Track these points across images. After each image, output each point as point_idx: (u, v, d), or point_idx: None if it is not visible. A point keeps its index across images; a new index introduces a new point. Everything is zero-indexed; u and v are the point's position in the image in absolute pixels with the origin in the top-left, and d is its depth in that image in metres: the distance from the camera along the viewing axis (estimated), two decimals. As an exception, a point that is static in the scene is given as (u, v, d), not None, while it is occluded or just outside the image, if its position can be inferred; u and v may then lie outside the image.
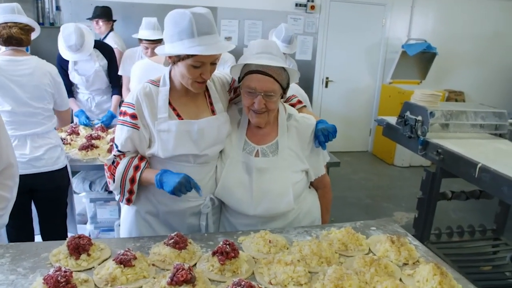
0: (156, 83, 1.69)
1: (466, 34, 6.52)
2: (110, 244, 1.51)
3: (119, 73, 3.70)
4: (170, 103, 1.67)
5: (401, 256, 1.50)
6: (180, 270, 1.19)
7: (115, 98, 3.69)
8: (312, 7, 5.91)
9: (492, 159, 2.70)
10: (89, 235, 2.96)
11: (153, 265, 1.38)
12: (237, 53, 4.18)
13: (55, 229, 2.56)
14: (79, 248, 1.36)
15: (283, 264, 1.34)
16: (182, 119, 1.67)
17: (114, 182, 1.69)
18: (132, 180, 1.66)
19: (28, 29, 2.40)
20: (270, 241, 1.52)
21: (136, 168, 1.66)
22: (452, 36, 6.48)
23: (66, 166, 2.53)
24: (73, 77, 3.49)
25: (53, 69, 2.45)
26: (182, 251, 1.41)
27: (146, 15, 3.71)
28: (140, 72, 2.52)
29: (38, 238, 2.58)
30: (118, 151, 1.69)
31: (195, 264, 1.41)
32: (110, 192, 2.90)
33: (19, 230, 2.45)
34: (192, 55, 1.52)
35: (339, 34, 6.22)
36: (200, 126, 1.66)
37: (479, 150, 2.93)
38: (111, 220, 2.86)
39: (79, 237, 1.40)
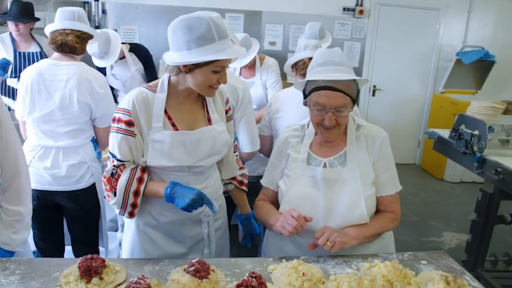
0: (153, 88, 1.59)
1: (528, 41, 6.03)
2: (127, 266, 1.38)
3: (159, 76, 3.63)
4: (165, 111, 1.58)
5: (458, 302, 1.27)
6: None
7: None
8: (361, 12, 5.65)
9: (561, 182, 2.40)
10: (120, 244, 2.91)
11: (170, 294, 1.24)
12: (281, 59, 4.08)
13: (85, 243, 2.45)
14: (91, 270, 1.24)
15: (316, 304, 1.16)
16: (177, 128, 1.59)
17: (115, 195, 1.58)
18: (136, 193, 1.57)
19: (85, 37, 2.29)
20: (303, 274, 1.33)
21: (140, 180, 1.58)
22: (513, 43, 6.01)
23: (93, 185, 2.32)
24: (111, 81, 3.45)
25: (97, 78, 2.25)
26: (203, 281, 1.25)
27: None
28: None
29: (68, 248, 2.51)
30: (118, 160, 1.57)
31: (217, 296, 1.26)
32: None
33: (47, 243, 2.36)
34: (213, 61, 1.46)
35: (389, 40, 5.92)
36: (195, 137, 1.60)
37: (545, 171, 2.61)
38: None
39: (92, 258, 1.28)
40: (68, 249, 2.50)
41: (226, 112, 1.78)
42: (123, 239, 1.81)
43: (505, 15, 5.98)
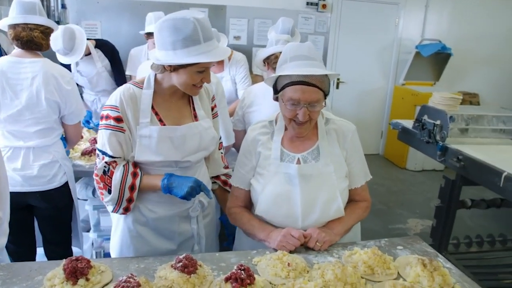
0: (139, 85, 1.62)
1: (482, 34, 6.31)
2: (112, 266, 1.37)
3: (127, 73, 3.57)
4: (152, 107, 1.62)
5: (435, 283, 1.34)
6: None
7: None
8: (324, 6, 5.74)
9: (517, 167, 2.54)
10: (92, 244, 2.85)
11: (159, 291, 1.24)
12: (246, 53, 4.09)
13: (58, 244, 2.39)
14: (77, 272, 1.22)
15: (304, 292, 1.19)
16: (164, 124, 1.62)
17: (110, 192, 1.59)
18: (132, 188, 1.60)
19: (48, 32, 2.21)
20: (289, 264, 1.37)
21: (134, 174, 1.61)
22: (468, 36, 6.28)
23: (65, 184, 2.28)
24: (77, 78, 3.36)
25: (63, 75, 2.19)
26: (192, 276, 1.26)
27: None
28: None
29: (40, 250, 2.44)
30: (111, 157, 1.59)
31: (206, 290, 1.27)
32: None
33: (18, 246, 2.27)
34: (198, 62, 1.48)
35: (351, 34, 6.05)
36: (182, 132, 1.63)
37: (502, 157, 2.77)
38: (115, 228, 2.72)
39: (77, 259, 1.26)
40: (40, 251, 2.43)
41: (212, 109, 1.80)
42: (111, 238, 1.81)
43: (459, 9, 6.23)
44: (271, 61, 2.59)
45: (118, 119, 1.56)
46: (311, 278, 1.35)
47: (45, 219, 2.31)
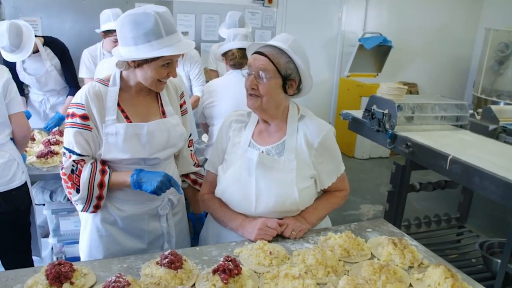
0: (105, 82, 1.61)
1: (417, 27, 6.71)
2: (93, 268, 1.34)
3: (80, 75, 3.41)
4: (119, 105, 1.61)
5: (406, 259, 1.44)
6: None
7: (69, 99, 3.36)
8: (270, 1, 5.82)
9: (459, 150, 2.75)
10: (52, 249, 2.74)
11: (147, 289, 1.24)
12: (195, 48, 4.07)
13: (18, 252, 2.27)
14: (60, 276, 1.19)
15: (290, 278, 1.24)
16: (130, 121, 1.61)
17: (78, 191, 1.57)
18: (101, 185, 1.58)
19: None
20: (271, 253, 1.41)
21: (103, 172, 1.59)
22: (405, 29, 6.63)
23: (25, 183, 2.19)
24: (23, 77, 3.18)
25: (1, 68, 2.11)
26: (179, 271, 1.27)
27: (99, 9, 3.43)
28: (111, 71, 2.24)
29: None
30: (78, 155, 1.57)
31: (194, 284, 1.28)
32: (73, 201, 2.67)
33: None
34: (161, 56, 1.47)
35: (297, 28, 6.17)
36: (149, 129, 1.62)
37: (445, 142, 2.98)
38: (75, 232, 2.62)
39: (59, 263, 1.22)
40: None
41: (181, 106, 1.79)
42: (80, 239, 1.76)
43: (397, 4, 6.56)
44: (228, 57, 2.63)
45: (84, 117, 1.55)
46: (293, 264, 1.40)
47: (5, 225, 2.19)
